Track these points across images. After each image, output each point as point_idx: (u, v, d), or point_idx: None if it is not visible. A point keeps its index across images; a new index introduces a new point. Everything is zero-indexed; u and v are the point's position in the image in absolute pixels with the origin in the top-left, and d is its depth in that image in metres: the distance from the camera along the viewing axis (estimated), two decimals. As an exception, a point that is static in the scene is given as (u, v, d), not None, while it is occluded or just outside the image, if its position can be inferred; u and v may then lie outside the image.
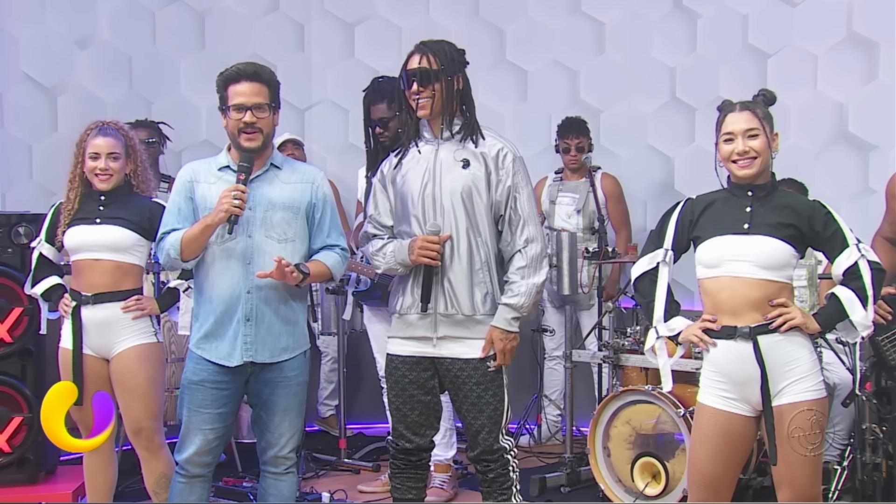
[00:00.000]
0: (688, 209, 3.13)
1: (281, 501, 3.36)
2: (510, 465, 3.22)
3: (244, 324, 3.22)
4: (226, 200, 3.13)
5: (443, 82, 3.17)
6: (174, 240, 3.24)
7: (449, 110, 3.21)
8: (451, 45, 3.24)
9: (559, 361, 5.60)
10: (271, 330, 3.25)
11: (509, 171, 3.19)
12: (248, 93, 3.21)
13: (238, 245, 3.23)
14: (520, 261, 3.18)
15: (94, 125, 3.73)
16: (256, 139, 3.23)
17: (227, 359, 3.24)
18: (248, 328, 3.23)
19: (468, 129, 3.22)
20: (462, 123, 3.22)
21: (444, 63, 3.17)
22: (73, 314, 3.65)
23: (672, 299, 3.14)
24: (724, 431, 2.98)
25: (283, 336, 3.28)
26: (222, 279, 3.24)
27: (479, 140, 3.22)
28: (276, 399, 3.30)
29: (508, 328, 3.16)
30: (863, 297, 2.94)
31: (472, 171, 3.18)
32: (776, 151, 3.05)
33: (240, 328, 3.22)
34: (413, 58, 3.20)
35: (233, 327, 3.23)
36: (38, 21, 5.91)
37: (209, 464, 3.33)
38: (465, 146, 3.21)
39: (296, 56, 6.28)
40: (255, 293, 3.23)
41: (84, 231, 3.65)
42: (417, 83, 3.16)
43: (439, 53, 3.18)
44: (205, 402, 3.26)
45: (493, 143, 3.22)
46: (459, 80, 3.22)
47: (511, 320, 3.16)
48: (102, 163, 3.66)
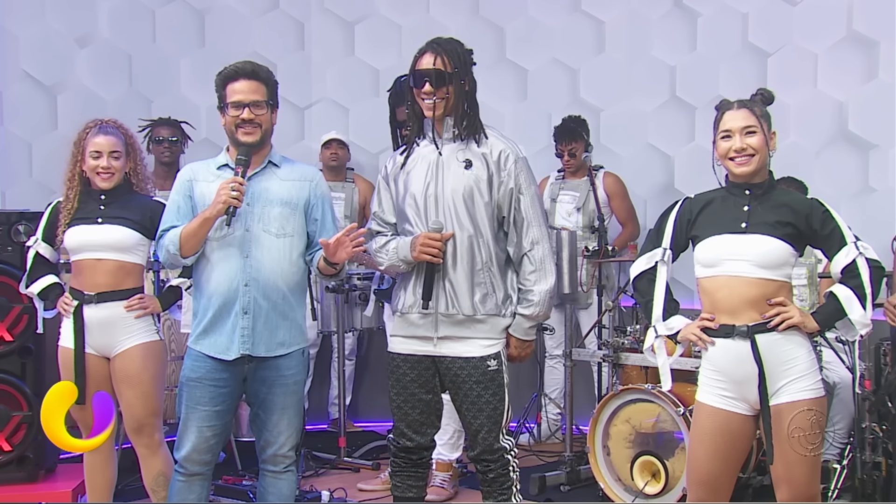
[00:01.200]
0: (686, 208, 3.13)
1: (280, 500, 3.36)
2: (510, 464, 3.22)
3: (242, 317, 3.23)
4: (223, 192, 3.14)
5: (455, 85, 3.18)
6: (173, 236, 3.25)
7: (456, 111, 3.21)
8: (461, 46, 3.24)
9: (559, 360, 5.60)
10: (268, 324, 3.26)
11: (511, 173, 3.19)
12: (245, 90, 3.23)
13: (236, 238, 3.24)
14: (528, 265, 3.19)
15: (92, 123, 3.73)
16: (254, 134, 3.25)
17: (224, 352, 3.24)
18: (246, 321, 3.23)
19: (472, 130, 3.22)
20: (466, 124, 3.22)
21: (458, 65, 3.18)
22: (74, 314, 3.65)
23: (671, 298, 3.14)
24: (723, 430, 2.98)
25: (280, 331, 3.29)
26: (220, 273, 3.25)
27: (482, 140, 3.22)
28: (274, 398, 3.30)
29: (525, 337, 3.21)
30: (861, 295, 2.94)
31: (474, 171, 3.18)
32: (774, 150, 3.05)
33: (237, 321, 3.23)
34: (426, 57, 3.19)
35: (231, 320, 3.24)
36: (38, 19, 5.91)
37: (208, 462, 3.33)
38: (469, 146, 3.21)
39: (296, 54, 6.28)
40: (252, 286, 3.23)
41: (86, 231, 3.65)
42: (431, 84, 3.16)
43: (453, 55, 3.18)
44: (203, 400, 3.26)
45: (495, 143, 3.22)
46: (469, 83, 3.23)
47: (528, 329, 3.21)
48: (105, 161, 3.66)
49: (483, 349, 3.18)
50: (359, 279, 5.10)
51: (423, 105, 3.20)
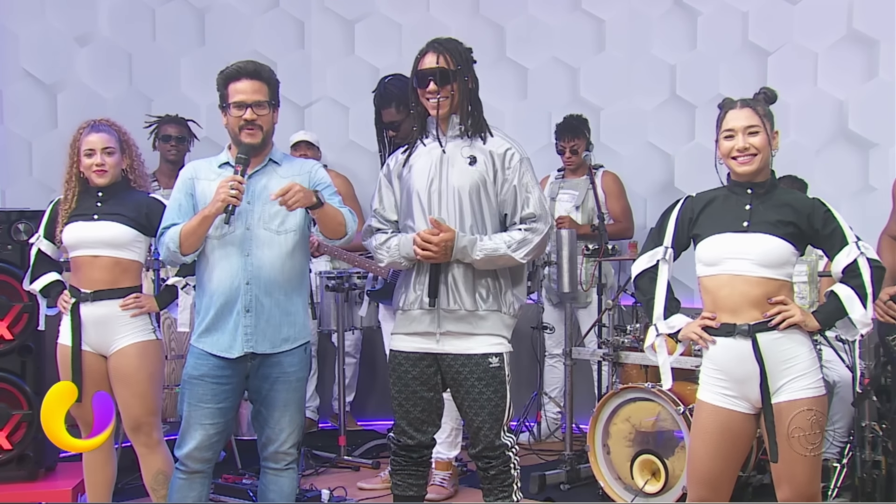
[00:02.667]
0: (688, 207, 3.13)
1: (281, 497, 3.37)
2: (511, 462, 3.22)
3: (244, 315, 3.24)
4: (223, 190, 3.15)
5: (458, 82, 3.19)
6: (174, 233, 3.26)
7: (460, 109, 3.22)
8: (461, 45, 3.26)
9: (559, 359, 5.60)
10: (271, 321, 3.27)
11: (516, 171, 3.20)
12: (248, 90, 3.24)
13: (236, 237, 3.25)
14: (517, 234, 3.17)
15: (86, 124, 3.76)
16: (257, 135, 3.26)
17: (227, 350, 3.25)
18: (248, 319, 3.24)
19: (476, 127, 3.23)
20: (471, 121, 3.23)
21: (460, 63, 3.20)
22: (71, 311, 3.65)
23: (672, 297, 3.14)
24: (724, 428, 2.99)
25: (283, 327, 3.30)
26: (221, 271, 3.26)
27: (487, 138, 3.24)
28: (276, 394, 3.31)
29: (459, 242, 3.11)
30: (862, 294, 2.94)
31: (478, 168, 3.18)
32: (776, 150, 3.05)
33: (240, 319, 3.24)
34: (428, 56, 3.21)
35: (233, 319, 3.25)
36: (38, 18, 5.91)
37: (209, 459, 3.33)
38: (474, 143, 3.22)
39: (296, 53, 6.28)
40: (254, 284, 3.24)
41: (82, 227, 3.66)
42: (436, 83, 3.17)
43: (454, 53, 3.20)
44: (205, 397, 3.27)
45: (500, 142, 3.24)
46: (471, 80, 3.24)
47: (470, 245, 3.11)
48: (98, 158, 3.67)
49: (486, 347, 3.18)
50: (359, 278, 5.10)
51: (428, 104, 3.21)
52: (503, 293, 3.22)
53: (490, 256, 3.14)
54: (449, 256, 3.13)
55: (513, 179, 3.20)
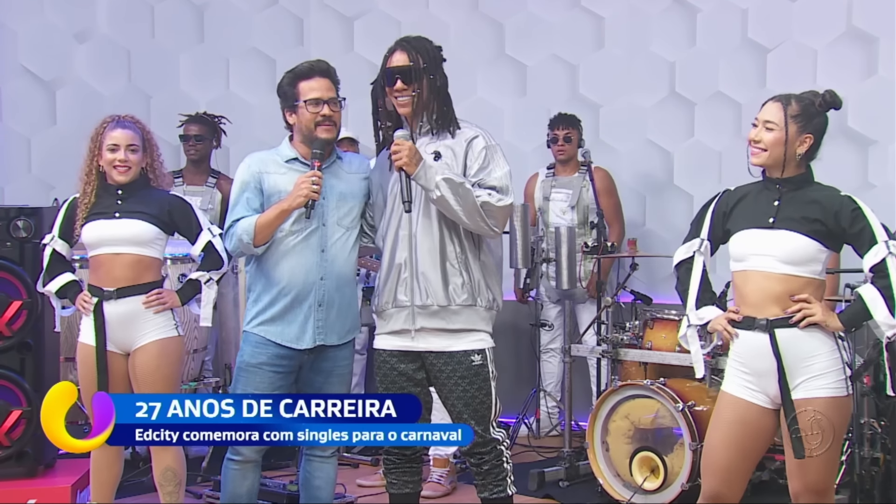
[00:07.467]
0: (723, 201, 3.15)
1: (328, 483, 3.51)
2: (503, 455, 3.24)
3: (316, 309, 3.35)
4: (304, 186, 3.23)
5: (425, 80, 3.20)
6: (247, 224, 3.32)
7: (429, 107, 3.23)
8: (430, 42, 3.28)
9: (554, 354, 5.60)
10: (340, 314, 3.41)
11: (480, 155, 3.20)
12: (323, 88, 3.38)
13: (314, 234, 3.35)
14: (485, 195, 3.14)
15: (110, 118, 3.72)
16: (332, 131, 3.39)
17: (296, 342, 3.35)
18: (321, 313, 3.36)
19: (445, 123, 3.24)
20: (437, 117, 3.24)
21: (427, 61, 3.21)
22: (95, 311, 3.64)
23: (708, 288, 3.15)
24: (741, 419, 3.00)
25: (348, 319, 3.45)
26: (297, 264, 3.35)
27: (455, 132, 3.25)
28: (330, 387, 3.41)
29: (427, 168, 3.10)
30: (888, 295, 2.89)
31: (443, 162, 3.19)
32: (801, 154, 3.04)
33: (311, 313, 3.35)
34: (396, 55, 3.23)
35: (304, 312, 3.35)
36: (36, 14, 5.91)
37: (262, 448, 3.40)
38: (440, 139, 3.24)
39: (295, 50, 6.25)
40: (328, 279, 3.36)
41: (103, 226, 3.64)
42: (402, 81, 3.18)
43: (421, 51, 3.21)
44: (262, 385, 3.34)
45: (467, 132, 3.25)
46: (439, 78, 3.24)
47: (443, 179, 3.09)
48: (122, 154, 3.64)
49: (466, 344, 3.20)
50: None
51: (396, 102, 3.23)
52: (476, 286, 3.21)
53: (452, 184, 3.10)
54: (415, 162, 3.09)
55: (477, 162, 3.19)
